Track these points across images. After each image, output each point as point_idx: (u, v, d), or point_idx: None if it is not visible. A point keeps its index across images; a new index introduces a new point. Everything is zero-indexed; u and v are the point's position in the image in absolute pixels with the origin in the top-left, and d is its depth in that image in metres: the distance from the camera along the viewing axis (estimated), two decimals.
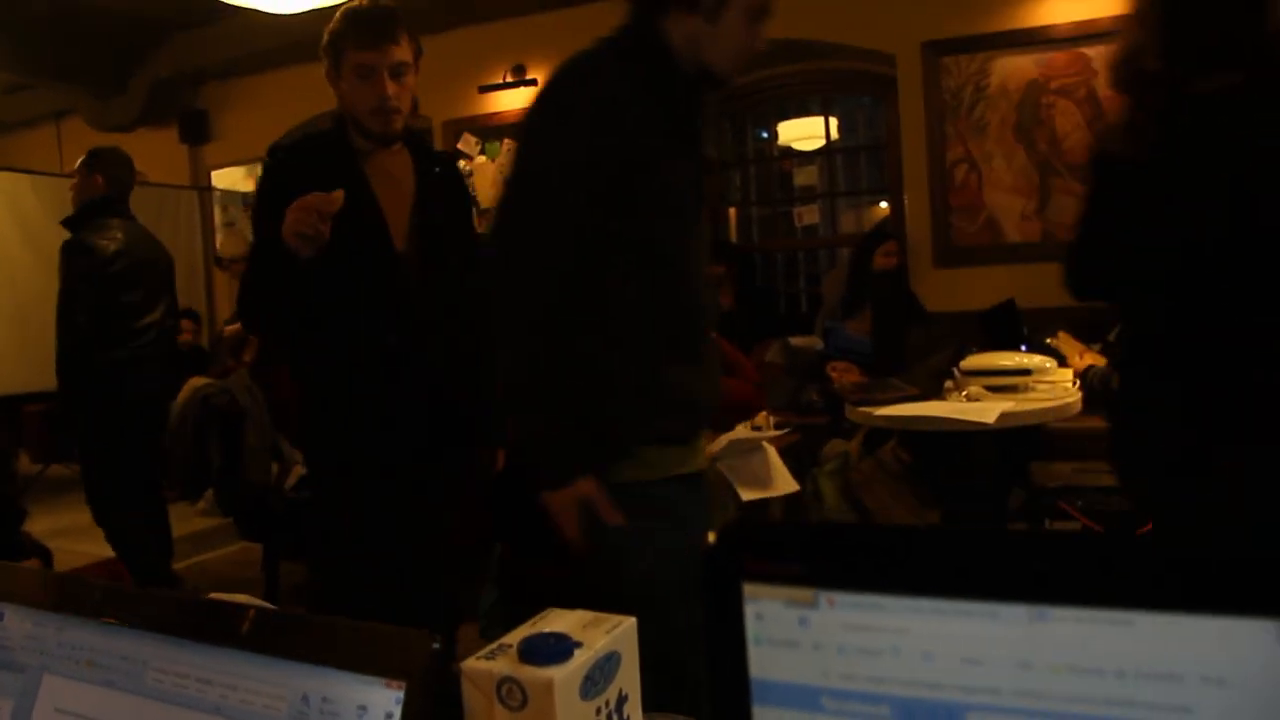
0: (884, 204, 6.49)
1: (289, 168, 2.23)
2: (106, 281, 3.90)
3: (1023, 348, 4.32)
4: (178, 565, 5.03)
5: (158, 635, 0.65)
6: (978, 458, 3.15)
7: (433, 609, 2.40)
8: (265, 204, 2.17)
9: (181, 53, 7.14)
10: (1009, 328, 4.38)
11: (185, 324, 6.22)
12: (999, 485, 3.90)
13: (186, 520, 5.61)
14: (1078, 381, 3.60)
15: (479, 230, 2.68)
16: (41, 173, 6.76)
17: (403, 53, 2.18)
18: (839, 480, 4.38)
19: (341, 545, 2.30)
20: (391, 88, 2.17)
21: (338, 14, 2.19)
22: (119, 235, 4.01)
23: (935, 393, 3.26)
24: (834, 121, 6.84)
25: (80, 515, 4.70)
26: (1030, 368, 3.12)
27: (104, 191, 4.20)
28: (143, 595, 0.69)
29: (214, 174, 7.71)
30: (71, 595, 0.72)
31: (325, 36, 2.19)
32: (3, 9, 6.04)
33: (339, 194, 1.95)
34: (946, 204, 5.40)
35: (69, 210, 6.44)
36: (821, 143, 6.99)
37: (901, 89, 5.48)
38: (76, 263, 3.90)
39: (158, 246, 4.34)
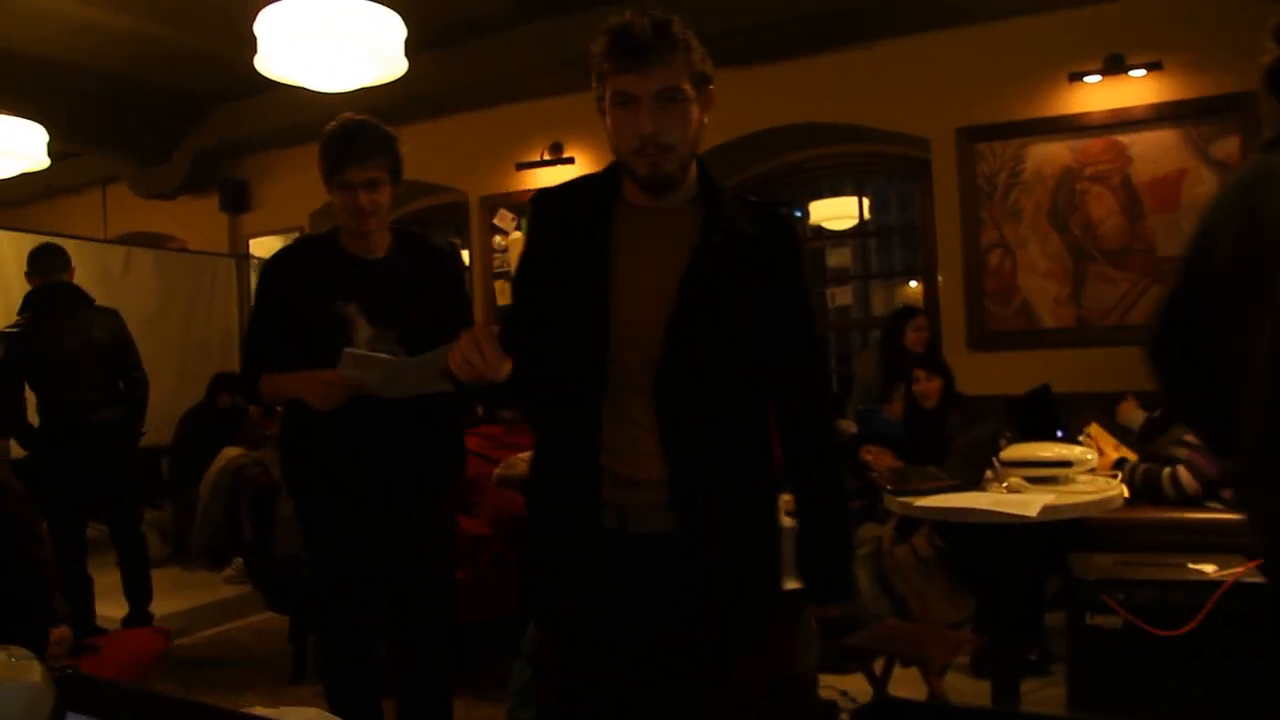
0: (915, 284, 6.50)
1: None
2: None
3: (1059, 434, 4.29)
4: (204, 634, 5.01)
5: None
6: (1015, 547, 3.11)
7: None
8: (532, 246, 1.89)
9: (224, 124, 7.29)
10: (1044, 414, 4.34)
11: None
12: (1036, 574, 3.85)
13: (212, 588, 5.60)
14: (1119, 474, 3.56)
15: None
16: (85, 238, 6.88)
17: None
18: (872, 566, 4.33)
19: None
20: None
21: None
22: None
23: (973, 480, 3.23)
24: (866, 201, 6.89)
25: (106, 578, 4.70)
26: (1071, 459, 3.08)
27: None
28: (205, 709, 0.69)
29: (251, 242, 7.82)
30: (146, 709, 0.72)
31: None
32: (59, 81, 6.20)
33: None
34: (981, 288, 5.40)
35: (111, 275, 6.61)
36: (854, 222, 7.03)
37: (936, 174, 5.51)
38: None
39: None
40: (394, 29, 3.88)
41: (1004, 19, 5.20)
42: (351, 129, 2.57)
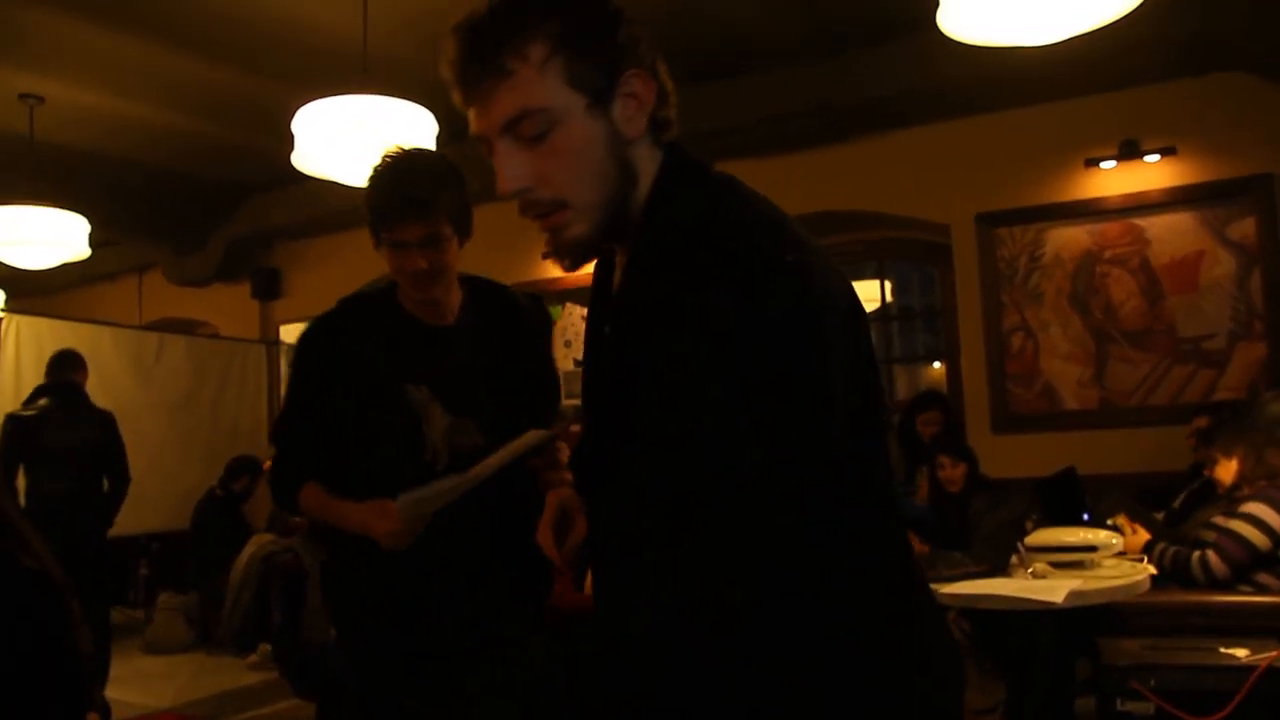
0: (938, 365, 6.53)
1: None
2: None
3: (1085, 517, 4.28)
4: None
5: None
6: (1042, 632, 3.09)
7: None
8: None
9: (257, 213, 7.50)
10: (1070, 497, 4.34)
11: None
12: (1065, 657, 3.81)
13: (237, 674, 5.60)
14: (1145, 558, 3.55)
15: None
16: (120, 324, 7.05)
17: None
18: None
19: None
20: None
21: None
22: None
23: (999, 565, 3.23)
24: (889, 284, 6.96)
25: (131, 662, 4.73)
26: (1097, 544, 3.09)
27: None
28: None
29: (282, 329, 7.97)
30: None
31: None
32: (102, 174, 6.41)
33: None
34: (1003, 371, 5.43)
35: (145, 362, 6.74)
36: (877, 305, 7.10)
37: (957, 259, 5.59)
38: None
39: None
40: (426, 125, 4.02)
41: (1020, 107, 5.31)
42: (402, 169, 2.00)
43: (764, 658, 0.96)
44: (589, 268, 1.29)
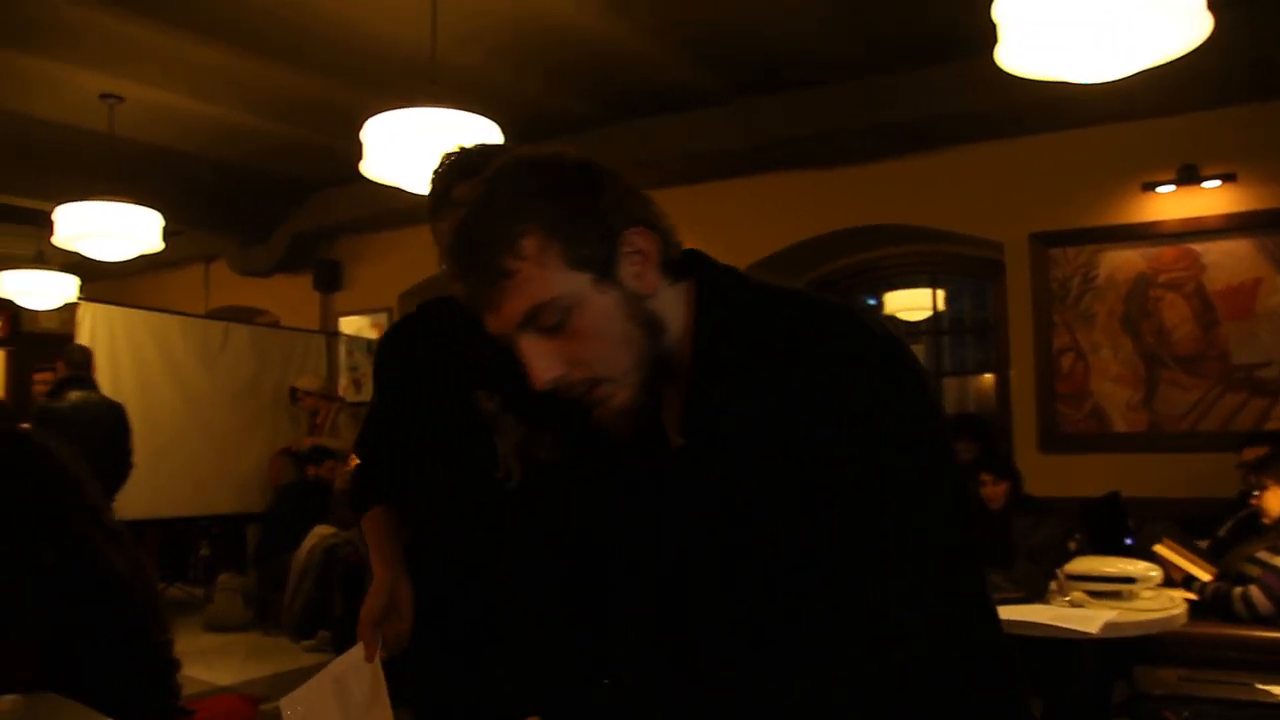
0: (989, 375, 6.53)
1: None
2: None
3: (1128, 541, 4.31)
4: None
5: None
6: (1081, 653, 3.15)
7: None
8: None
9: (321, 208, 7.69)
10: (1113, 521, 4.37)
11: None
12: (1103, 679, 3.85)
13: (293, 656, 5.79)
14: (1185, 588, 3.58)
15: None
16: (187, 314, 7.28)
17: None
18: None
19: None
20: None
21: None
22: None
23: (1037, 589, 3.28)
24: (941, 294, 6.97)
25: (191, 639, 4.91)
26: (1135, 575, 3.13)
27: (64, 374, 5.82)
28: None
29: (341, 320, 8.16)
30: None
31: None
32: (174, 169, 6.62)
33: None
34: (1052, 390, 5.45)
35: (210, 349, 6.98)
36: (928, 314, 7.11)
37: (1010, 277, 5.61)
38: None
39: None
40: (492, 137, 4.13)
41: (1079, 128, 5.31)
42: (473, 162, 1.78)
43: None
44: None
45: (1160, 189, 5.15)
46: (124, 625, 1.92)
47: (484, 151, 1.83)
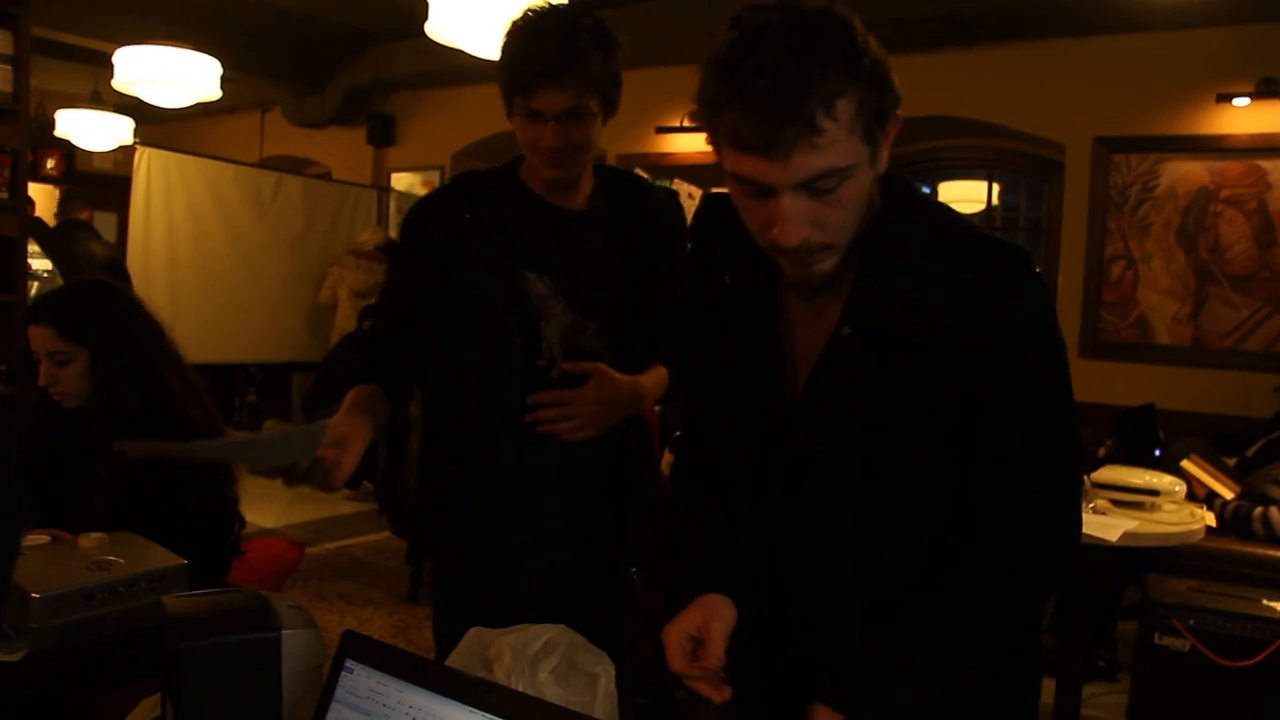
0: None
1: None
2: None
3: (1157, 453, 4.35)
4: (327, 546, 5.42)
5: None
6: (1094, 562, 3.23)
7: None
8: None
9: (378, 62, 7.64)
10: (1145, 432, 4.41)
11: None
12: (1114, 583, 3.96)
13: (333, 503, 6.04)
14: (1204, 506, 3.64)
15: None
16: (241, 162, 7.34)
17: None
18: None
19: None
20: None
21: None
22: None
23: None
24: (997, 187, 6.88)
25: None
26: (1159, 489, 3.19)
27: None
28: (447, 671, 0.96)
29: (394, 176, 8.20)
30: (403, 666, 0.99)
31: None
32: (233, 13, 6.58)
33: None
34: (1099, 297, 5.43)
35: (263, 198, 7.06)
36: (982, 206, 7.03)
37: (1068, 179, 5.52)
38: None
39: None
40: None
41: (1153, 31, 5.14)
42: (545, 27, 1.70)
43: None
44: (687, 145, 1.47)
45: (1236, 101, 5.00)
46: (197, 476, 2.05)
47: (596, 24, 1.74)
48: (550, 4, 1.76)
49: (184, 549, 1.83)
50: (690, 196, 6.55)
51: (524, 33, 1.71)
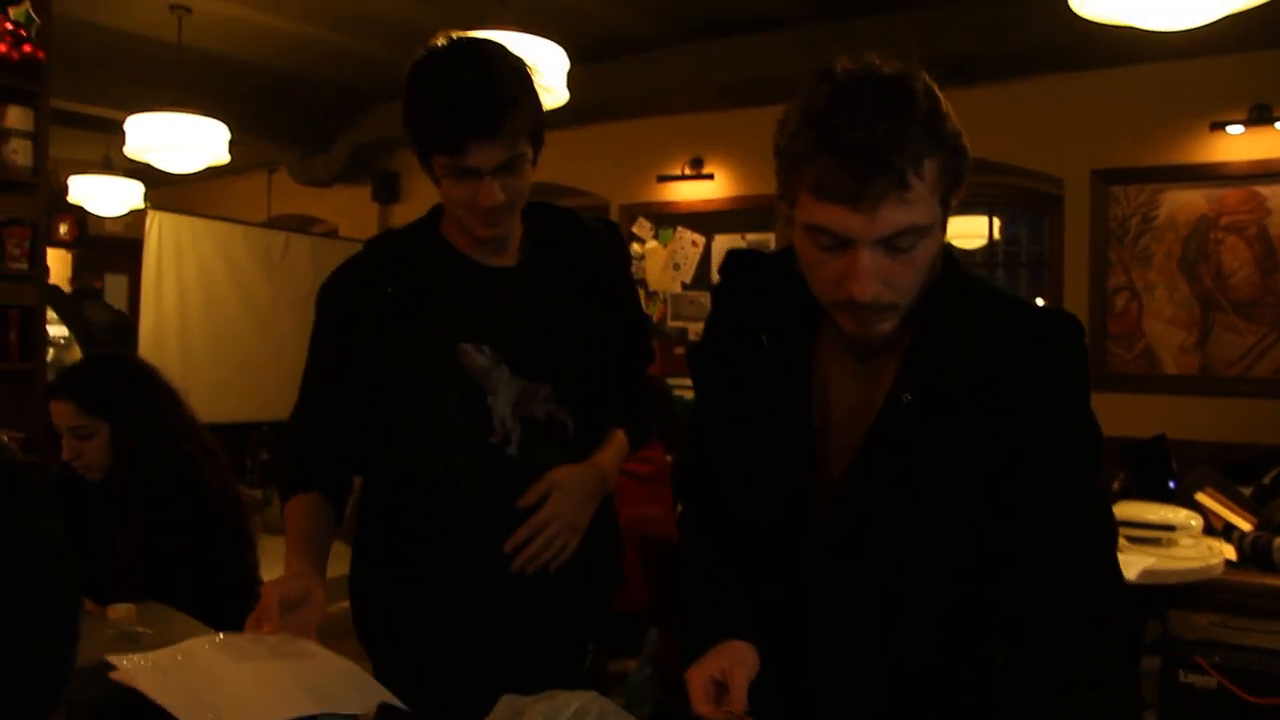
0: (1040, 301, 6.54)
1: None
2: None
3: (1171, 485, 4.34)
4: (343, 606, 5.40)
5: None
6: None
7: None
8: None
9: (383, 120, 7.72)
10: (1158, 464, 4.40)
11: None
12: (1137, 620, 3.93)
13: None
14: (1223, 539, 3.62)
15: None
16: (250, 223, 7.42)
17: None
18: None
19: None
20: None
21: None
22: None
23: None
24: (997, 222, 6.93)
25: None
26: (1175, 524, 3.19)
27: None
28: None
29: None
30: None
31: None
32: (239, 79, 6.70)
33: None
34: (1104, 329, 5.44)
35: (272, 258, 7.11)
36: (983, 242, 7.07)
37: (1068, 212, 5.56)
38: None
39: None
40: (558, 60, 4.14)
41: (1144, 63, 5.19)
42: (468, 75, 1.53)
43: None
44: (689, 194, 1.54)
45: (1230, 129, 5.05)
46: (220, 543, 2.08)
47: (510, 58, 1.61)
48: (453, 37, 1.61)
49: (207, 615, 1.85)
50: (694, 244, 6.61)
51: (440, 80, 1.56)
